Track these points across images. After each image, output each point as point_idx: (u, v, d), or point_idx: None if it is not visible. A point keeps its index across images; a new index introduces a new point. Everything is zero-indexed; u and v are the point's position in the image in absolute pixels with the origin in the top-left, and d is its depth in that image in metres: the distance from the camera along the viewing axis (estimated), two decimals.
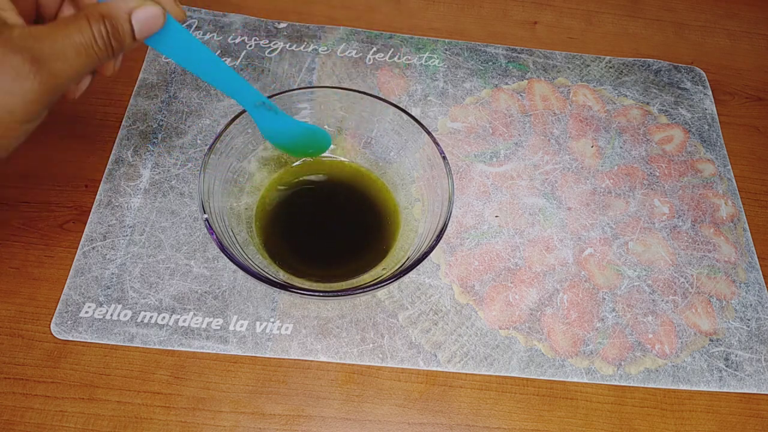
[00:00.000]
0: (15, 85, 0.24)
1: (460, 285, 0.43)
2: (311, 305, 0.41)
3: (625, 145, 0.51)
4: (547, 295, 0.43)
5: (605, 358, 0.41)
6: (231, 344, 0.39)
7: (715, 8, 0.64)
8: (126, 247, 0.42)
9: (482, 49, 0.56)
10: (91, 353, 0.38)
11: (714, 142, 0.53)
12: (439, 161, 0.38)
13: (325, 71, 0.52)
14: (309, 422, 0.37)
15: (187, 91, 0.50)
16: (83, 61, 0.26)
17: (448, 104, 0.52)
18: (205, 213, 0.34)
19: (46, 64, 0.25)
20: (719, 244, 0.47)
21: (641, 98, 0.55)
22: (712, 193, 0.50)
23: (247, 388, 0.38)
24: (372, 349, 0.40)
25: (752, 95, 0.57)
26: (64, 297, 0.40)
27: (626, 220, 0.47)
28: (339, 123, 0.43)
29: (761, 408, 0.41)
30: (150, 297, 0.40)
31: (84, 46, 0.26)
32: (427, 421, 0.38)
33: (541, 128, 0.51)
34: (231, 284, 0.41)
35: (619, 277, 0.44)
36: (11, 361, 0.37)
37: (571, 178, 0.49)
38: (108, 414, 0.36)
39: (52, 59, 0.25)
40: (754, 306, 0.45)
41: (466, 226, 0.45)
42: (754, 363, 0.42)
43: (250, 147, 0.41)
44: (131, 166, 0.45)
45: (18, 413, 0.36)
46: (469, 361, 0.40)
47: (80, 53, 0.26)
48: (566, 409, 0.39)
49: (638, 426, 0.39)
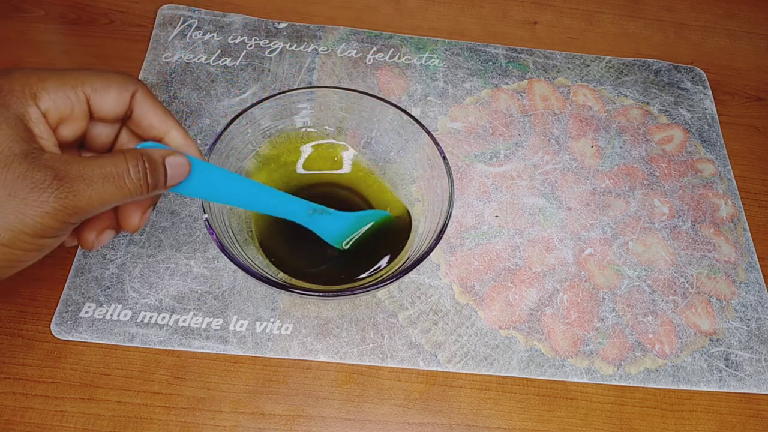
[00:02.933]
0: (32, 194, 0.24)
1: (460, 285, 0.43)
2: (311, 305, 0.41)
3: (625, 145, 0.52)
4: (547, 295, 0.43)
5: (605, 358, 0.41)
6: (231, 344, 0.39)
7: (715, 8, 0.64)
8: (126, 247, 0.42)
9: (482, 49, 0.56)
10: (91, 353, 0.38)
11: (714, 142, 0.53)
12: (439, 161, 0.38)
13: (325, 71, 0.52)
14: (309, 422, 0.37)
15: (187, 91, 0.50)
16: (110, 190, 0.26)
17: (448, 104, 0.52)
18: (205, 213, 0.34)
19: (70, 183, 0.24)
20: (719, 244, 0.47)
21: (641, 98, 0.55)
22: (712, 193, 0.50)
23: (247, 388, 0.38)
24: (372, 349, 0.40)
25: (752, 95, 0.57)
26: (64, 297, 0.40)
27: (626, 220, 0.47)
28: (339, 123, 0.43)
29: (761, 408, 0.41)
30: (150, 297, 0.40)
31: (114, 175, 0.26)
32: (427, 421, 0.38)
33: (541, 128, 0.51)
34: (231, 284, 0.41)
35: (619, 277, 0.44)
36: (11, 361, 0.37)
37: (571, 178, 0.49)
38: (108, 414, 0.36)
39: (77, 180, 0.25)
40: (754, 306, 0.45)
41: (466, 226, 0.45)
42: (754, 363, 0.42)
43: (250, 147, 0.41)
44: None
45: (18, 413, 0.36)
46: (469, 361, 0.40)
47: (108, 181, 0.25)
48: (566, 409, 0.39)
49: (638, 426, 0.39)
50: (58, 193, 0.24)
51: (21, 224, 0.24)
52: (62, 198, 0.24)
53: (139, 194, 0.27)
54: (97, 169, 0.25)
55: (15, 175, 0.23)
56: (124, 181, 0.26)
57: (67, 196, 0.24)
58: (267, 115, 0.40)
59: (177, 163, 0.28)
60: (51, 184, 0.24)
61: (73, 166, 0.25)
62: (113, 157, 0.26)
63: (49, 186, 0.24)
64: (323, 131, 0.43)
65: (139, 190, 0.27)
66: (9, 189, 0.23)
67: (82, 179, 0.25)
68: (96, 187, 0.25)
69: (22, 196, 0.24)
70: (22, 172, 0.24)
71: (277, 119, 0.41)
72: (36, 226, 0.24)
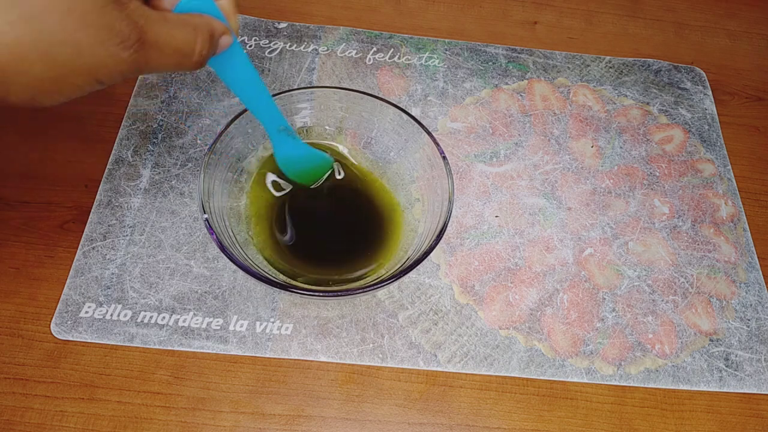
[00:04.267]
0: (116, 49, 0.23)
1: (460, 285, 0.43)
2: (311, 305, 0.41)
3: (625, 145, 0.51)
4: (547, 295, 0.43)
5: (605, 358, 0.41)
6: (231, 344, 0.39)
7: (715, 8, 0.64)
8: (126, 247, 0.42)
9: (482, 49, 0.56)
10: (91, 353, 0.38)
11: (714, 142, 0.53)
12: (439, 161, 0.38)
13: (325, 71, 0.52)
14: (309, 422, 0.37)
15: (187, 91, 0.50)
16: (173, 63, 0.26)
17: (448, 104, 0.52)
18: (205, 213, 0.34)
19: (147, 49, 0.25)
20: (719, 244, 0.47)
21: (641, 98, 0.55)
22: (712, 193, 0.50)
23: (247, 388, 0.38)
24: (372, 349, 0.40)
25: (752, 95, 0.57)
26: (64, 297, 0.40)
27: (626, 220, 0.47)
28: (339, 123, 0.43)
29: (761, 408, 0.41)
30: (150, 297, 0.40)
31: (182, 53, 0.26)
32: (427, 421, 0.38)
33: (541, 128, 0.51)
34: (231, 284, 0.41)
35: (619, 277, 0.44)
36: (11, 361, 0.37)
37: (571, 178, 0.49)
38: (108, 414, 0.36)
39: (153, 48, 0.25)
40: (754, 306, 0.45)
41: (466, 226, 0.45)
42: (754, 363, 0.42)
43: (250, 147, 0.41)
44: (131, 166, 0.45)
45: (18, 413, 0.36)
46: (469, 361, 0.40)
47: (176, 55, 0.26)
48: (566, 409, 0.39)
49: (638, 426, 0.39)
50: (137, 56, 0.24)
51: (95, 70, 0.24)
52: (137, 61, 0.24)
53: (191, 69, 0.28)
54: (171, 41, 0.26)
55: (105, 21, 0.23)
56: (188, 60, 0.27)
57: (141, 59, 0.25)
58: None
59: (225, 43, 0.29)
60: (133, 45, 0.24)
61: (153, 28, 0.25)
62: (185, 31, 0.26)
63: (131, 46, 0.24)
64: (323, 131, 0.43)
65: (194, 67, 0.28)
66: (98, 37, 0.23)
67: (157, 48, 0.25)
68: (164, 59, 0.26)
69: (108, 47, 0.23)
70: (111, 21, 0.23)
71: None
72: (107, 75, 0.24)
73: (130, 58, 0.24)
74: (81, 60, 0.23)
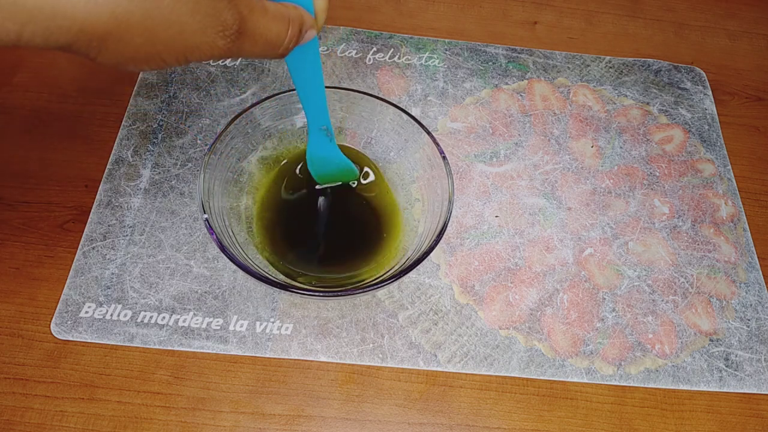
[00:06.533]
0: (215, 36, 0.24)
1: (460, 285, 0.43)
2: (311, 305, 0.41)
3: (625, 145, 0.51)
4: (547, 295, 0.43)
5: (605, 358, 0.41)
6: (231, 344, 0.39)
7: (715, 8, 0.64)
8: (126, 247, 0.42)
9: (482, 49, 0.56)
10: (91, 353, 0.38)
11: (714, 142, 0.53)
12: (439, 161, 0.38)
13: (325, 71, 0.52)
14: (309, 422, 0.37)
15: (187, 91, 0.50)
16: (261, 53, 0.27)
17: (448, 104, 0.52)
18: (205, 213, 0.34)
19: (243, 38, 0.25)
20: (719, 244, 0.47)
21: (641, 98, 0.55)
22: (712, 193, 0.50)
23: (247, 388, 0.38)
24: (372, 349, 0.40)
25: (752, 95, 0.57)
26: (64, 297, 0.40)
27: (626, 220, 0.47)
28: (339, 123, 0.43)
29: (761, 408, 0.41)
30: (150, 297, 0.40)
31: (272, 44, 0.27)
32: (427, 421, 0.38)
33: (541, 128, 0.51)
34: (231, 284, 0.41)
35: (619, 277, 0.44)
36: (11, 361, 0.37)
37: (571, 178, 0.49)
38: (108, 414, 0.36)
39: (247, 37, 0.25)
40: (754, 306, 0.45)
41: (466, 226, 0.45)
42: (754, 363, 0.42)
43: (250, 147, 0.41)
44: (131, 166, 0.45)
45: (18, 413, 0.36)
46: (469, 361, 0.40)
47: (266, 46, 0.26)
48: (566, 409, 0.39)
49: (638, 426, 0.39)
50: (232, 45, 0.25)
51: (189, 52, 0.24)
52: (230, 50, 0.25)
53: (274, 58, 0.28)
54: (266, 33, 0.26)
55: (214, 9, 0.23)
56: (275, 51, 0.27)
57: (234, 48, 0.25)
58: (267, 115, 0.40)
59: (309, 37, 0.29)
60: (232, 34, 0.24)
61: (253, 18, 0.25)
62: (281, 24, 0.27)
63: (231, 35, 0.24)
64: None
65: (278, 57, 0.28)
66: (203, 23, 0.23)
67: (251, 39, 0.25)
68: (255, 49, 0.26)
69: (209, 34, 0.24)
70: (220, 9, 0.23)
71: (277, 119, 0.41)
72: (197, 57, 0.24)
73: (225, 47, 0.24)
74: (180, 41, 0.23)
